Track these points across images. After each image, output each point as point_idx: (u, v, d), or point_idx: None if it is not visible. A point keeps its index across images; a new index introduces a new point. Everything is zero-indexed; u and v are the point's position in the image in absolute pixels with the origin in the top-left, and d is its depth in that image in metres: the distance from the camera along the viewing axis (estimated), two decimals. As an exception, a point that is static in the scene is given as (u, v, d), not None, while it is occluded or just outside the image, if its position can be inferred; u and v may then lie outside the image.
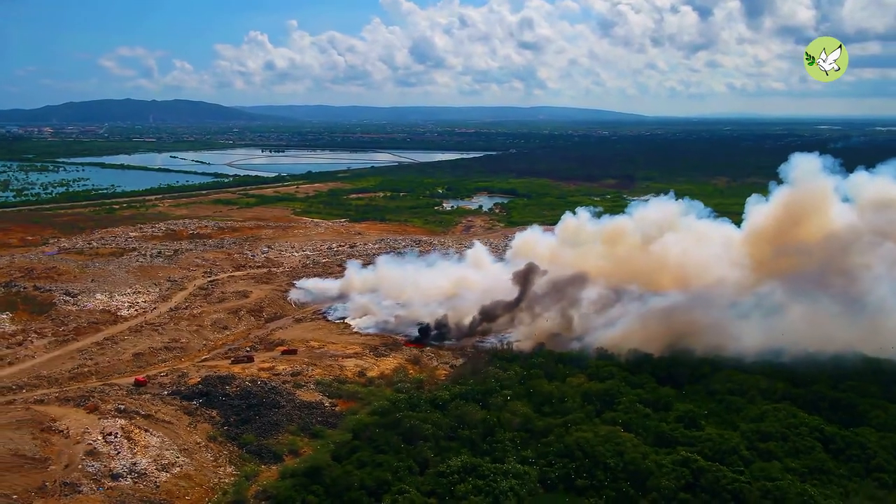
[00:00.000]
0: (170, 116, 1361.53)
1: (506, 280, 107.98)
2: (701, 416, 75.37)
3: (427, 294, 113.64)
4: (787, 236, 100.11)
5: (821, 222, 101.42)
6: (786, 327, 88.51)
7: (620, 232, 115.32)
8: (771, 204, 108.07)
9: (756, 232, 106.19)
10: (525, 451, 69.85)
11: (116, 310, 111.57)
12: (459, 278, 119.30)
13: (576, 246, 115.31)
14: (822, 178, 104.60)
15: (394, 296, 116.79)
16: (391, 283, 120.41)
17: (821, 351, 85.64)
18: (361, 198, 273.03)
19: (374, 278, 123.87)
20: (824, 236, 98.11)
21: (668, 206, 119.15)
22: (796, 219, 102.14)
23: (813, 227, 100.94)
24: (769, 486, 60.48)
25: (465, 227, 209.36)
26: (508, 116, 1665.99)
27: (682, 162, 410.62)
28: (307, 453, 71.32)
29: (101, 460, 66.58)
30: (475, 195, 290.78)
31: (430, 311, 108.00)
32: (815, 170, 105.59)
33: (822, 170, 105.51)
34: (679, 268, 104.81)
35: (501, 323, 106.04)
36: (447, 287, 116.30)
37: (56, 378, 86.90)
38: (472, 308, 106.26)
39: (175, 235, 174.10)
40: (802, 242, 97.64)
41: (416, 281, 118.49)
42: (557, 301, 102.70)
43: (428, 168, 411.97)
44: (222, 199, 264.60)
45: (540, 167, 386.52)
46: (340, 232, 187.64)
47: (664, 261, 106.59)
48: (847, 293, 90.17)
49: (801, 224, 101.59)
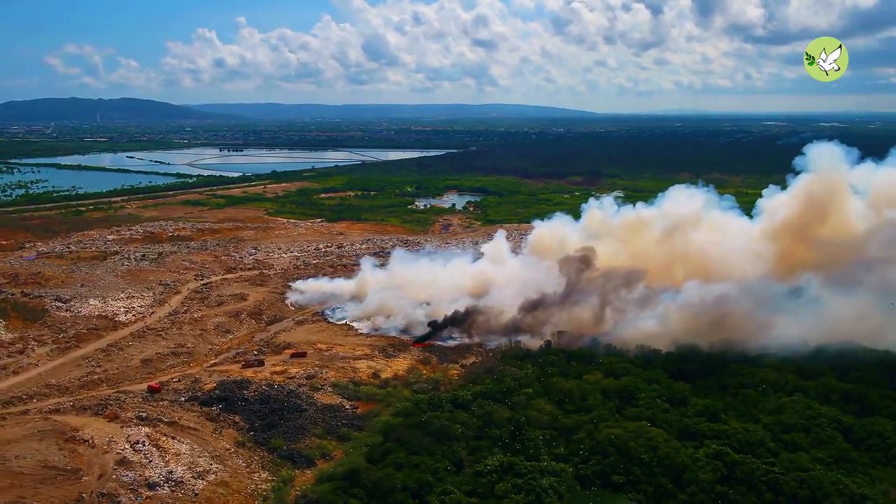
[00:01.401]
0: (117, 115, 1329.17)
1: (535, 274, 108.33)
2: (720, 409, 77.13)
3: (452, 291, 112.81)
4: (814, 229, 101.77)
5: (845, 215, 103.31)
6: (831, 320, 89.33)
7: (643, 224, 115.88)
8: (791, 196, 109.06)
9: (783, 225, 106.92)
10: (557, 449, 70.81)
11: (113, 315, 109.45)
12: (480, 274, 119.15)
13: (599, 237, 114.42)
14: (843, 168, 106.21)
15: (416, 294, 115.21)
16: (413, 281, 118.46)
17: (874, 345, 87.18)
18: (333, 197, 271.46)
19: (394, 277, 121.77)
20: (865, 230, 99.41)
21: (692, 198, 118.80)
22: (821, 212, 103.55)
23: (838, 220, 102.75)
24: (804, 477, 62.37)
25: (444, 225, 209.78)
26: (461, 114, 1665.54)
27: (644, 159, 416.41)
28: (338, 457, 71.23)
29: (134, 469, 65.64)
30: (446, 193, 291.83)
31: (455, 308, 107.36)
32: (836, 160, 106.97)
33: (842, 160, 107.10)
34: (705, 261, 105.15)
35: (540, 317, 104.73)
36: (472, 283, 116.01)
37: (66, 386, 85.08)
38: (506, 303, 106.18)
39: (154, 238, 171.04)
40: (842, 236, 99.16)
41: (440, 278, 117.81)
42: (606, 294, 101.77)
43: (392, 167, 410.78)
44: (191, 199, 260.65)
45: (505, 165, 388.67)
46: (321, 232, 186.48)
47: (691, 254, 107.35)
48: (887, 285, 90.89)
49: (827, 216, 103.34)
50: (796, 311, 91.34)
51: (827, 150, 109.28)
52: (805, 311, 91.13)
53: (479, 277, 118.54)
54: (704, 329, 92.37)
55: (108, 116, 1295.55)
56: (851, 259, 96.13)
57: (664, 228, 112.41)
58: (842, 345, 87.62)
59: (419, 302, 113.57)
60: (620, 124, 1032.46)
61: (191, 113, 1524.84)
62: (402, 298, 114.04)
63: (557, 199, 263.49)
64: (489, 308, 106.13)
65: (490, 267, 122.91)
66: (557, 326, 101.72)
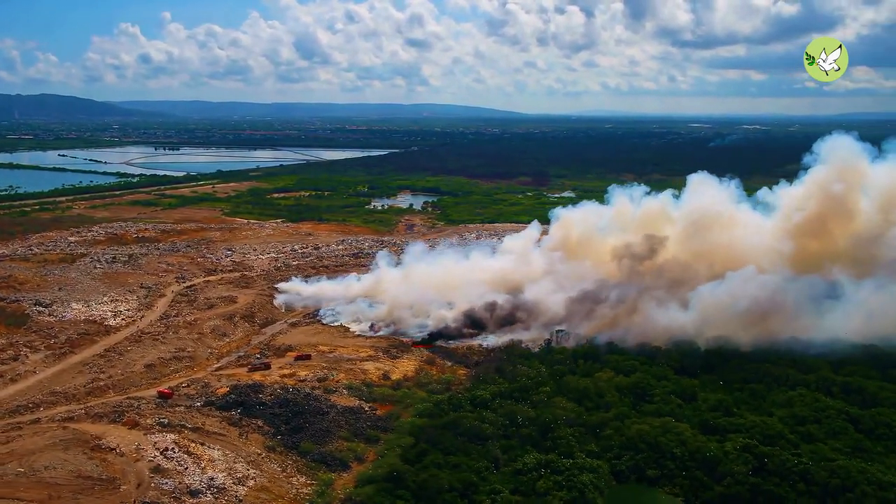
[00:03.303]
0: (36, 112, 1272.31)
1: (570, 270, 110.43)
2: (732, 404, 79.95)
3: (480, 288, 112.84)
4: (832, 227, 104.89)
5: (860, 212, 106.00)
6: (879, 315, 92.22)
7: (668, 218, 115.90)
8: (808, 191, 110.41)
9: (805, 222, 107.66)
10: (588, 446, 72.17)
11: (102, 319, 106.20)
12: (505, 271, 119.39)
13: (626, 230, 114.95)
14: (861, 162, 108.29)
15: (443, 293, 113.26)
16: (438, 279, 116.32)
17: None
18: (287, 197, 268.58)
19: (414, 276, 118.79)
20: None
21: (717, 193, 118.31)
22: (839, 208, 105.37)
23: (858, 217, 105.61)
24: (833, 466, 65.29)
25: (407, 225, 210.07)
26: (392, 114, 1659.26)
27: (585, 159, 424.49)
28: (371, 459, 71.23)
29: (171, 477, 64.32)
30: (399, 193, 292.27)
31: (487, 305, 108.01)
32: (853, 154, 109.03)
33: (859, 154, 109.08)
34: (733, 256, 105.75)
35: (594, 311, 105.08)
36: (502, 279, 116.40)
37: (73, 394, 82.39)
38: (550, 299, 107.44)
39: (119, 239, 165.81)
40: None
41: (465, 276, 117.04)
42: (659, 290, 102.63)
43: (338, 166, 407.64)
44: (140, 200, 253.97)
45: (451, 165, 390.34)
46: (289, 233, 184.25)
47: (720, 249, 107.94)
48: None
49: (844, 215, 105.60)
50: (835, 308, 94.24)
51: (841, 143, 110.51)
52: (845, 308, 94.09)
53: (508, 274, 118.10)
54: (747, 324, 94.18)
55: (26, 113, 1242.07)
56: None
57: (692, 223, 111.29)
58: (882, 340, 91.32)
59: (445, 301, 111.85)
60: (551, 125, 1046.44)
61: (115, 110, 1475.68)
62: (426, 298, 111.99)
63: (513, 200, 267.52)
64: (528, 303, 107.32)
65: (519, 263, 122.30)
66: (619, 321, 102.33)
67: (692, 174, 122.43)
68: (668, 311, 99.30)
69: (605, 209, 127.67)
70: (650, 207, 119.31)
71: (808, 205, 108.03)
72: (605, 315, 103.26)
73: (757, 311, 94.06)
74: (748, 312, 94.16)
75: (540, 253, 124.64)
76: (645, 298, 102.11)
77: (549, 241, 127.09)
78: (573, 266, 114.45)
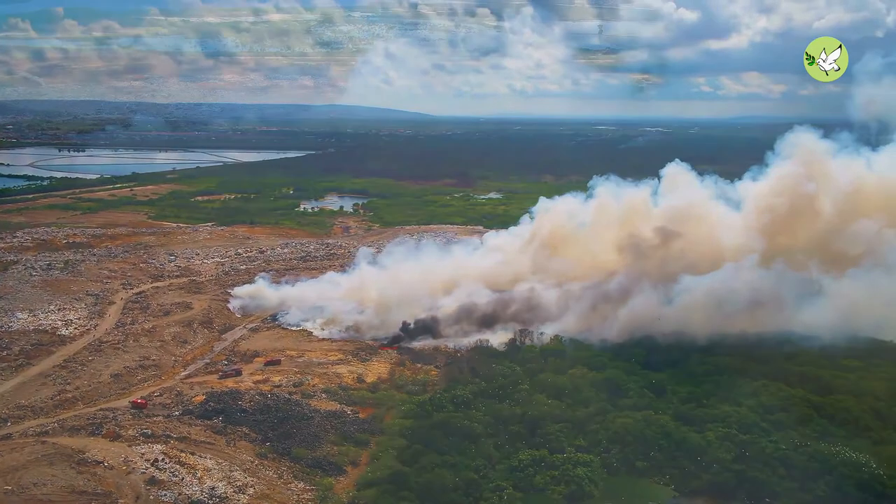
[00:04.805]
0: None
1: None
2: (703, 396, 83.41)
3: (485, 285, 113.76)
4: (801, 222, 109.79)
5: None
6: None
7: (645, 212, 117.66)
8: (772, 186, 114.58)
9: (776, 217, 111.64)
10: (577, 441, 74.15)
11: (53, 329, 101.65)
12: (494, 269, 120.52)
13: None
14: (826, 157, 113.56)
15: (435, 290, 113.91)
16: (428, 277, 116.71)
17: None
18: (212, 200, 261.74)
19: (400, 275, 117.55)
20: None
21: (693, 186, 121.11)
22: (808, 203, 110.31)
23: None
24: (810, 451, 69.38)
25: (343, 227, 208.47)
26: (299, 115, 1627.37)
27: (505, 161, 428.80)
28: (365, 462, 71.20)
29: (168, 488, 62.93)
30: (327, 196, 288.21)
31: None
32: (819, 150, 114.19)
33: (825, 150, 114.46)
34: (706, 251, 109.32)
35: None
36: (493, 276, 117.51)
37: (41, 407, 78.96)
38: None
39: (49, 245, 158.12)
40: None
41: (462, 272, 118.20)
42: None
43: (259, 168, 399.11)
44: (57, 204, 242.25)
45: (373, 167, 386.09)
46: (226, 237, 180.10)
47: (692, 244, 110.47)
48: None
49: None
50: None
51: (805, 138, 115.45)
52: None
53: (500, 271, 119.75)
54: (736, 317, 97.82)
55: None
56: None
57: (669, 217, 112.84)
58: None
59: (437, 298, 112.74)
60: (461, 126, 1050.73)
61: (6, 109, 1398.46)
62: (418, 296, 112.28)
63: (443, 201, 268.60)
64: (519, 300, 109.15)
65: (510, 259, 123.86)
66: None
67: (666, 167, 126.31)
68: (655, 305, 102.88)
69: (584, 205, 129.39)
70: (632, 202, 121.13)
71: (776, 202, 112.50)
72: (594, 310, 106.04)
73: (745, 304, 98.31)
74: (738, 306, 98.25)
75: (524, 250, 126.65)
76: (636, 291, 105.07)
77: (531, 237, 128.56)
78: (559, 262, 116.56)
